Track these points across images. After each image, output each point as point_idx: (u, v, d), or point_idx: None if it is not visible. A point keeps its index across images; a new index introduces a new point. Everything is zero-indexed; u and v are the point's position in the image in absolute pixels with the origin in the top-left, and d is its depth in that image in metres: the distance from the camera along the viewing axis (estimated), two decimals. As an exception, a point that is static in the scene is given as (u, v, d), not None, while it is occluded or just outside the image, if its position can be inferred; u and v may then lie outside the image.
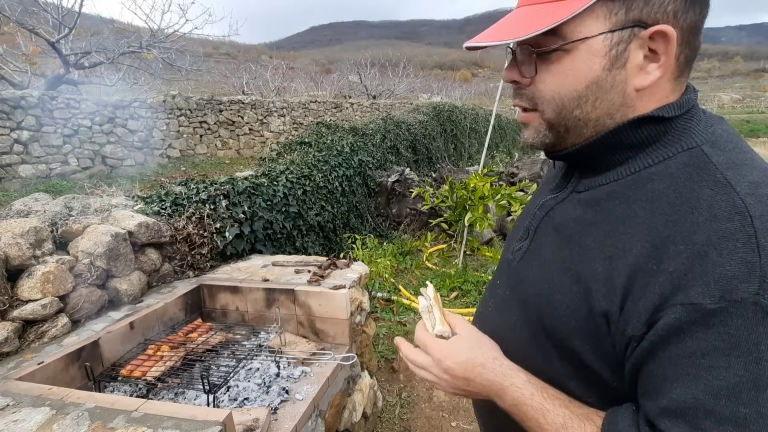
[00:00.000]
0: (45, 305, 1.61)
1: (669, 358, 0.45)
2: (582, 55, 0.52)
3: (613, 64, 0.51)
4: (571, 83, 0.53)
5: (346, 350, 2.00)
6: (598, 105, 0.53)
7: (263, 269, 2.37)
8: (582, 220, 0.57)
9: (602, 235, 0.53)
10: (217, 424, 1.09)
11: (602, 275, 0.50)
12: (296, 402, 1.61)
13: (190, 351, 1.74)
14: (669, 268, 0.45)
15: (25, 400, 1.22)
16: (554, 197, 0.64)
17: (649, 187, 0.51)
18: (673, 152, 0.52)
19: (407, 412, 2.45)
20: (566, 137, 0.58)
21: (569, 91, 0.54)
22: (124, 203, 2.30)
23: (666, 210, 0.48)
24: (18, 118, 5.37)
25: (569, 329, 0.54)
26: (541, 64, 0.55)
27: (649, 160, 0.53)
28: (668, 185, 0.50)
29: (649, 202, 0.50)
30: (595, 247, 0.53)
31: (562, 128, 0.57)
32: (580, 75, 0.53)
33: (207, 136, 8.15)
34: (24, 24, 6.12)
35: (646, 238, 0.48)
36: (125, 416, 1.13)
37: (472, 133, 10.39)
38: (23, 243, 1.64)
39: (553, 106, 0.56)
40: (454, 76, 63.17)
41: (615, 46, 0.51)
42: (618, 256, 0.50)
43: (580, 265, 0.54)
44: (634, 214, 0.51)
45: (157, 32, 7.34)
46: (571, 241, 0.56)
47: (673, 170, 0.51)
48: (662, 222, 0.48)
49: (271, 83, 16.51)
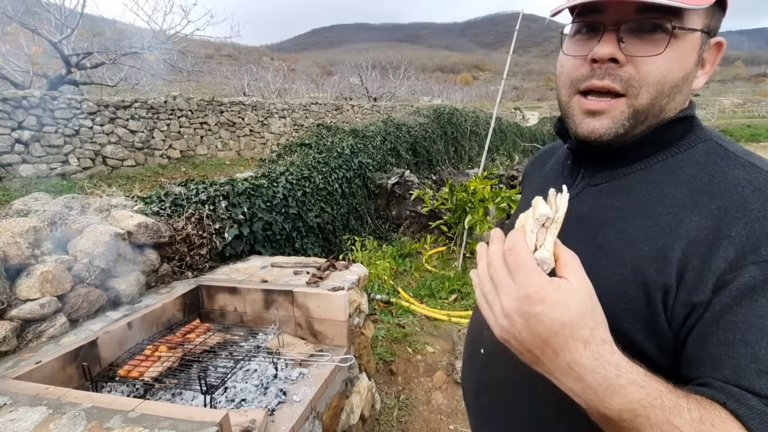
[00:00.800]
0: (43, 305, 1.61)
1: (745, 320, 0.44)
2: (687, 46, 0.53)
3: (697, 62, 0.55)
4: (677, 70, 0.53)
5: (344, 352, 1.99)
6: (677, 98, 0.55)
7: (262, 270, 2.37)
8: (612, 207, 0.58)
9: (640, 217, 0.54)
10: (213, 425, 1.09)
11: (651, 253, 0.51)
12: (294, 403, 1.60)
13: (188, 352, 1.74)
14: (731, 234, 0.47)
15: (22, 399, 1.22)
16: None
17: (679, 173, 0.55)
18: (695, 142, 0.57)
19: (405, 415, 2.45)
20: (635, 128, 0.56)
21: (673, 78, 0.53)
22: (124, 203, 2.30)
23: (706, 188, 0.52)
24: (19, 118, 5.39)
25: (617, 312, 0.51)
26: (650, 45, 0.52)
27: (674, 150, 0.57)
28: (698, 170, 0.54)
29: (684, 185, 0.53)
30: (633, 230, 0.54)
31: (642, 116, 0.55)
32: (682, 64, 0.53)
33: (207, 137, 8.17)
34: (26, 24, 6.14)
35: (693, 212, 0.50)
36: (122, 416, 1.13)
37: (472, 136, 10.40)
38: (22, 242, 1.65)
39: (652, 91, 0.53)
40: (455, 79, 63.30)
41: (702, 45, 0.54)
42: (665, 233, 0.51)
43: (620, 248, 0.54)
44: (671, 196, 0.53)
45: (159, 33, 7.37)
46: (604, 228, 0.57)
47: (699, 158, 0.55)
48: (706, 198, 0.51)
49: (272, 85, 16.55)
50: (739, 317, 0.44)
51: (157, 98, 7.38)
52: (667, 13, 0.50)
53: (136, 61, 8.03)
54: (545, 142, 15.82)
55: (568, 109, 0.60)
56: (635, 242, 0.53)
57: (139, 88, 10.60)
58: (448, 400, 2.59)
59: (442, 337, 3.20)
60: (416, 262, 4.68)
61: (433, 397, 2.60)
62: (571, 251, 0.48)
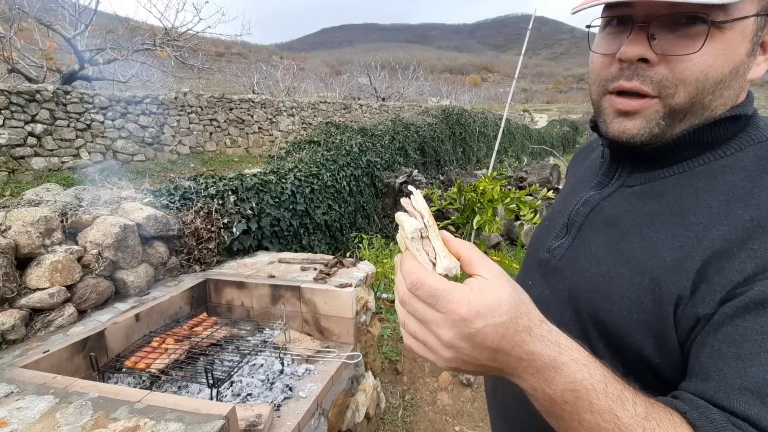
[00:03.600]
0: (52, 294, 1.61)
1: (744, 334, 0.41)
2: (736, 36, 0.48)
3: (752, 50, 0.49)
4: (722, 65, 0.48)
5: (350, 349, 1.98)
6: (725, 93, 0.50)
7: (269, 266, 2.37)
8: (642, 212, 0.54)
9: (669, 225, 0.51)
10: (220, 418, 1.08)
11: (672, 263, 0.48)
12: (300, 399, 1.59)
13: (195, 345, 1.73)
14: (752, 246, 0.44)
15: (29, 387, 1.22)
16: (599, 193, 0.62)
17: (721, 179, 0.50)
18: (745, 144, 0.51)
19: (410, 415, 2.42)
20: (675, 127, 0.52)
21: (717, 74, 0.48)
22: (134, 196, 2.31)
23: (744, 198, 0.47)
24: (32, 112, 5.45)
25: (630, 322, 0.50)
26: (689, 40, 0.48)
27: (720, 153, 0.51)
28: (743, 177, 0.49)
29: (722, 194, 0.49)
30: (660, 238, 0.51)
31: (681, 115, 0.51)
32: (729, 57, 0.48)
33: (217, 134, 8.21)
34: (42, 20, 6.23)
35: (723, 223, 0.47)
36: (128, 407, 1.12)
37: (481, 137, 10.35)
38: (33, 232, 1.65)
39: (691, 90, 0.49)
40: (464, 80, 63.09)
41: (758, 30, 0.48)
42: (691, 244, 0.48)
43: (643, 256, 0.51)
44: (706, 204, 0.49)
45: (171, 31, 7.42)
46: (630, 234, 0.54)
47: (747, 163, 0.50)
48: (741, 207, 0.47)
49: (281, 83, 16.62)
50: (738, 330, 0.41)
51: (168, 94, 7.43)
52: (706, 6, 0.46)
53: (148, 57, 8.10)
54: (554, 145, 15.69)
55: (600, 108, 0.57)
56: (658, 251, 0.50)
57: (150, 84, 10.70)
58: (453, 401, 2.56)
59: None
60: (423, 262, 4.65)
61: (439, 398, 2.57)
62: (464, 242, 0.44)
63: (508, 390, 0.66)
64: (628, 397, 0.40)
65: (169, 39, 7.36)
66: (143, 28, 8.90)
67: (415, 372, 2.77)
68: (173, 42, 7.45)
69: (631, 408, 0.39)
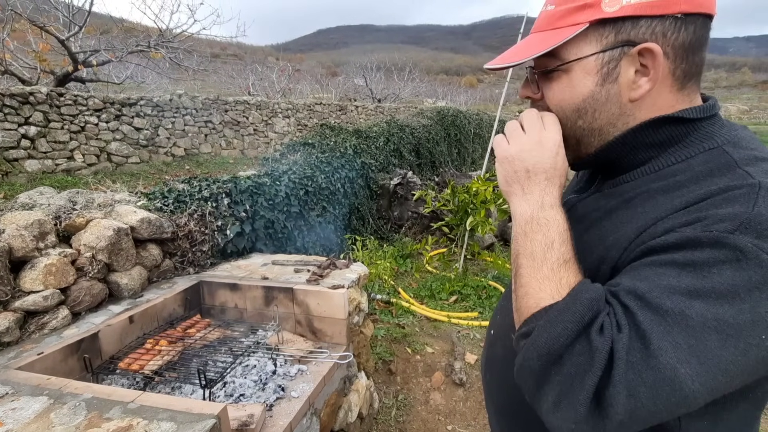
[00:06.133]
0: (46, 297, 1.63)
1: (642, 264, 0.50)
2: (577, 74, 0.60)
3: (605, 80, 0.59)
4: (570, 98, 0.62)
5: (343, 350, 2.00)
6: (597, 116, 0.61)
7: (263, 268, 2.39)
8: (604, 208, 0.63)
9: (620, 216, 0.59)
10: (211, 417, 1.10)
11: (613, 243, 0.57)
12: (292, 399, 1.61)
13: (188, 346, 1.75)
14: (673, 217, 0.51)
15: (23, 389, 1.24)
16: (577, 196, 0.72)
17: (671, 180, 0.57)
18: (695, 152, 0.57)
19: (403, 415, 2.45)
20: (579, 148, 0.65)
21: (569, 105, 0.62)
22: (128, 199, 2.32)
23: (684, 192, 0.53)
24: (26, 114, 5.43)
25: None
26: (546, 82, 0.64)
27: (672, 159, 0.58)
28: (689, 178, 0.55)
29: (669, 191, 0.56)
30: (610, 226, 0.59)
31: (573, 140, 0.64)
32: (576, 91, 0.61)
33: (212, 136, 8.20)
34: (35, 21, 6.20)
35: (659, 210, 0.54)
36: (121, 407, 1.14)
37: (476, 138, 10.40)
38: (27, 235, 1.67)
39: (559, 119, 0.64)
40: (460, 81, 63.22)
41: (606, 64, 0.58)
42: (630, 226, 0.56)
43: (594, 243, 0.60)
44: (654, 199, 0.56)
45: (166, 32, 7.41)
46: (593, 227, 0.63)
47: (695, 167, 0.56)
48: (678, 196, 0.53)
49: (276, 85, 16.60)
50: (644, 263, 0.50)
51: (163, 96, 7.42)
52: (547, 58, 0.61)
53: (143, 59, 8.08)
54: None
55: None
56: (606, 236, 0.58)
57: (145, 86, 10.67)
58: (446, 400, 2.59)
59: (442, 338, 3.20)
60: (417, 262, 4.68)
61: (432, 398, 2.60)
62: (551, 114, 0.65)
63: (495, 378, 0.80)
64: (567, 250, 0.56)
65: (164, 40, 7.35)
66: (138, 30, 8.88)
67: (408, 372, 2.80)
68: (168, 43, 7.44)
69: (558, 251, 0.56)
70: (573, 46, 0.59)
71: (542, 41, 0.60)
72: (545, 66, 0.63)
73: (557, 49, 0.59)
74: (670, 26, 0.55)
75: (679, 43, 0.55)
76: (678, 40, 0.55)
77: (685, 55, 0.56)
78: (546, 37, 0.60)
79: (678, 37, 0.55)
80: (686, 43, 0.55)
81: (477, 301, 3.78)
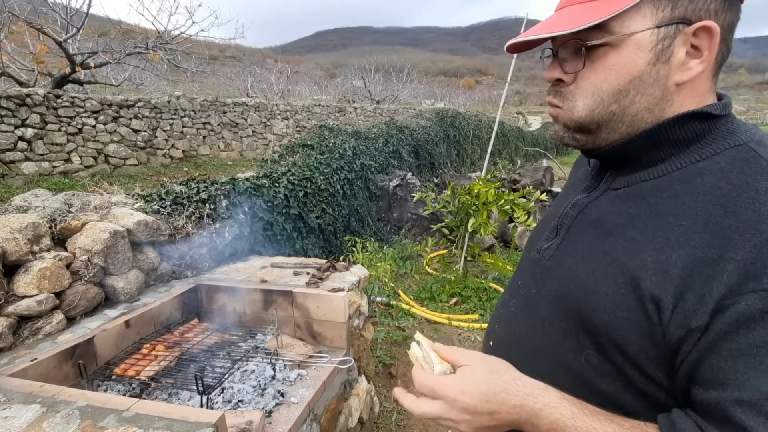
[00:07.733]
0: (40, 301, 1.60)
1: (739, 348, 0.44)
2: (629, 50, 0.53)
3: (657, 59, 0.53)
4: (615, 77, 0.55)
5: (343, 354, 1.97)
6: (638, 99, 0.55)
7: (262, 270, 2.36)
8: (625, 213, 0.57)
9: (650, 227, 0.53)
10: (209, 426, 1.07)
11: (653, 265, 0.50)
12: (291, 405, 1.58)
13: (186, 351, 1.72)
14: (736, 257, 0.45)
15: (16, 396, 1.21)
16: (587, 196, 0.65)
17: (699, 181, 0.52)
18: (721, 148, 0.53)
19: (404, 419, 2.42)
20: (598, 134, 0.59)
21: (612, 86, 0.55)
22: (124, 201, 2.30)
23: (722, 202, 0.49)
24: (23, 116, 5.40)
25: (614, 320, 0.52)
26: (580, 60, 0.56)
27: (696, 156, 0.54)
28: (720, 178, 0.50)
29: (701, 195, 0.50)
30: (641, 238, 0.53)
31: (593, 125, 0.58)
32: (624, 70, 0.54)
33: (210, 138, 8.17)
34: (33, 23, 6.17)
35: (704, 229, 0.48)
36: (116, 416, 1.11)
37: (475, 140, 10.39)
38: (21, 238, 1.64)
39: (589, 101, 0.57)
40: (458, 82, 63.37)
41: (661, 41, 0.52)
42: (672, 246, 0.50)
43: (625, 256, 0.54)
44: (686, 206, 0.51)
45: (164, 34, 7.39)
46: (613, 235, 0.57)
47: (723, 165, 0.51)
48: (720, 213, 0.48)
49: (275, 86, 16.59)
50: (733, 345, 0.44)
51: (161, 98, 7.39)
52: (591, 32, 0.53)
53: (141, 61, 8.06)
54: (547, 147, 15.79)
55: None
56: (640, 252, 0.52)
57: (143, 87, 10.64)
58: (447, 404, 2.56)
59: (442, 340, 3.17)
60: (417, 264, 4.66)
61: (433, 401, 2.58)
62: (451, 347, 0.60)
63: None
64: (595, 426, 0.49)
65: (162, 42, 7.33)
66: (136, 32, 8.86)
67: (409, 375, 2.77)
68: (166, 45, 7.42)
69: (599, 425, 0.49)
70: (625, 19, 0.52)
71: (587, 13, 0.53)
72: (587, 41, 0.54)
73: (608, 21, 0.52)
74: (721, 4, 0.51)
75: (726, 23, 0.51)
76: (726, 20, 0.51)
77: (727, 36, 0.52)
78: (591, 8, 0.53)
79: (726, 17, 0.51)
80: (730, 24, 0.52)
81: (478, 303, 3.76)
